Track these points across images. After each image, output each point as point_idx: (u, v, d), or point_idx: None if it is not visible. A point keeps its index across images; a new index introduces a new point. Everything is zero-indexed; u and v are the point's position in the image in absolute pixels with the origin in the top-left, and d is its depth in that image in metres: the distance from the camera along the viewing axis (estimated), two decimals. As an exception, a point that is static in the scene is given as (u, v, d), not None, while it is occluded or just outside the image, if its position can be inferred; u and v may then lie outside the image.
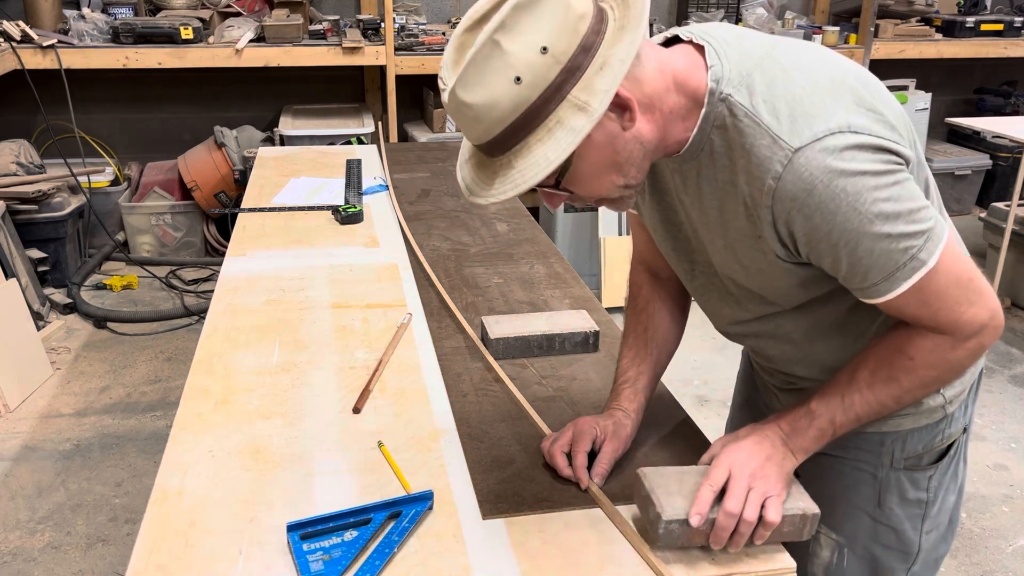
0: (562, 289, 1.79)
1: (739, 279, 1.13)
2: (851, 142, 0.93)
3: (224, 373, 1.43)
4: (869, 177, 0.93)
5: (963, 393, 1.19)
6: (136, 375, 3.28)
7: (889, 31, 4.84)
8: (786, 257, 1.04)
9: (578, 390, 1.41)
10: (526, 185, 0.93)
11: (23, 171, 3.91)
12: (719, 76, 0.99)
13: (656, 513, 1.00)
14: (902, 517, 1.22)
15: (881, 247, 0.95)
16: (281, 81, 4.64)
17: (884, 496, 1.21)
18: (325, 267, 1.87)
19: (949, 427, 1.20)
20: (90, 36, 4.04)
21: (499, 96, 0.91)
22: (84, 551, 2.36)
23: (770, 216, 0.99)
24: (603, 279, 3.76)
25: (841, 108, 0.95)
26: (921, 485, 1.21)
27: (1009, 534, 2.50)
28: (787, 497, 1.03)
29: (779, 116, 0.95)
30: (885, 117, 0.97)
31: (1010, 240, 3.78)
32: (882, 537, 1.23)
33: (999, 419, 3.10)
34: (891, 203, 0.94)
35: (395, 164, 2.71)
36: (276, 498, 1.12)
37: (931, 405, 1.17)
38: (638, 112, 0.96)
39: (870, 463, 1.21)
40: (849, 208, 0.93)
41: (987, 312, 1.01)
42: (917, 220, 0.95)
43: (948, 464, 1.23)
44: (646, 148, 1.00)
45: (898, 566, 1.25)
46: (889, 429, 1.18)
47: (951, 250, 0.98)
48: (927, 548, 1.25)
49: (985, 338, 1.03)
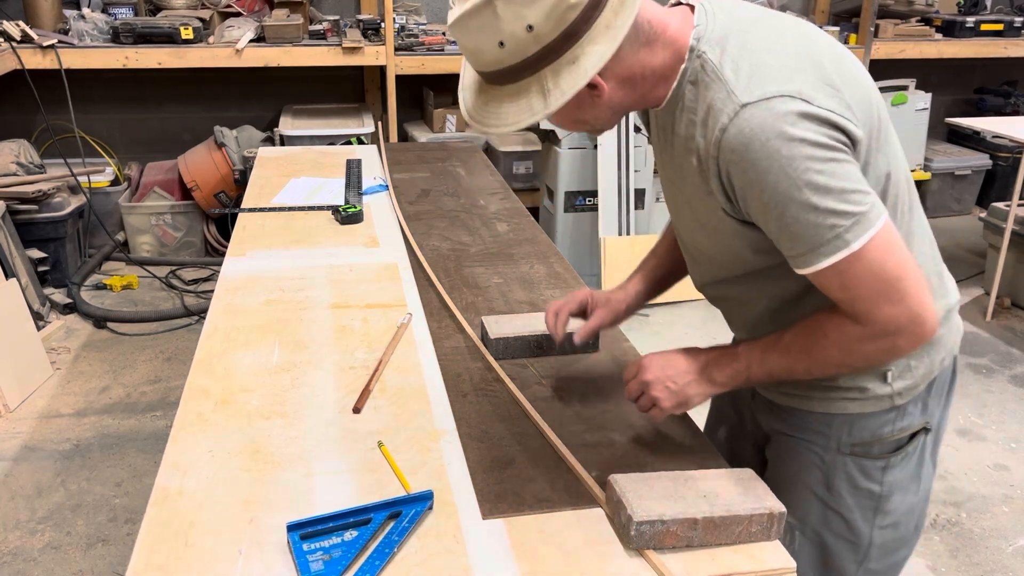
0: (562, 289, 1.79)
1: (698, 239, 1.19)
2: (798, 109, 0.96)
3: (224, 373, 1.43)
4: (807, 146, 0.96)
5: (916, 388, 1.20)
6: (136, 375, 3.28)
7: (889, 31, 4.84)
8: (732, 212, 1.07)
9: (578, 390, 1.41)
10: (496, 130, 1.05)
11: (23, 171, 3.91)
12: (700, 35, 1.04)
13: (627, 515, 1.03)
14: (852, 506, 1.24)
15: (807, 217, 0.97)
16: (281, 81, 4.64)
17: (833, 480, 1.23)
18: (325, 267, 1.87)
19: (901, 420, 1.21)
20: (90, 36, 4.04)
21: (484, 49, 1.02)
22: (84, 551, 2.36)
23: (715, 167, 1.03)
24: (603, 279, 3.76)
25: (800, 78, 0.99)
26: (873, 476, 1.23)
27: (1009, 534, 2.50)
28: (753, 497, 1.06)
29: (739, 74, 1.00)
30: (843, 96, 1.00)
31: (1010, 240, 3.78)
32: (832, 523, 1.25)
33: (999, 419, 3.10)
34: (823, 176, 0.96)
35: (395, 164, 2.71)
36: (276, 498, 1.12)
37: (877, 393, 1.18)
38: (608, 87, 1.04)
39: (819, 444, 1.23)
40: (780, 170, 0.96)
41: (907, 316, 1.02)
42: (849, 201, 0.97)
43: (905, 461, 1.23)
44: (615, 109, 1.09)
45: (848, 557, 1.26)
46: (836, 411, 1.20)
47: (883, 242, 0.99)
48: (880, 544, 1.26)
49: (901, 341, 1.04)
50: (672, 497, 1.05)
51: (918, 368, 1.19)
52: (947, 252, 4.72)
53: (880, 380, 1.18)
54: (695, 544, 1.04)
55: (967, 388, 3.32)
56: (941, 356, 1.21)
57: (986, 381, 3.37)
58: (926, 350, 1.19)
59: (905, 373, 1.18)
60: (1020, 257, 3.89)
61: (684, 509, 1.03)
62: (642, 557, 1.03)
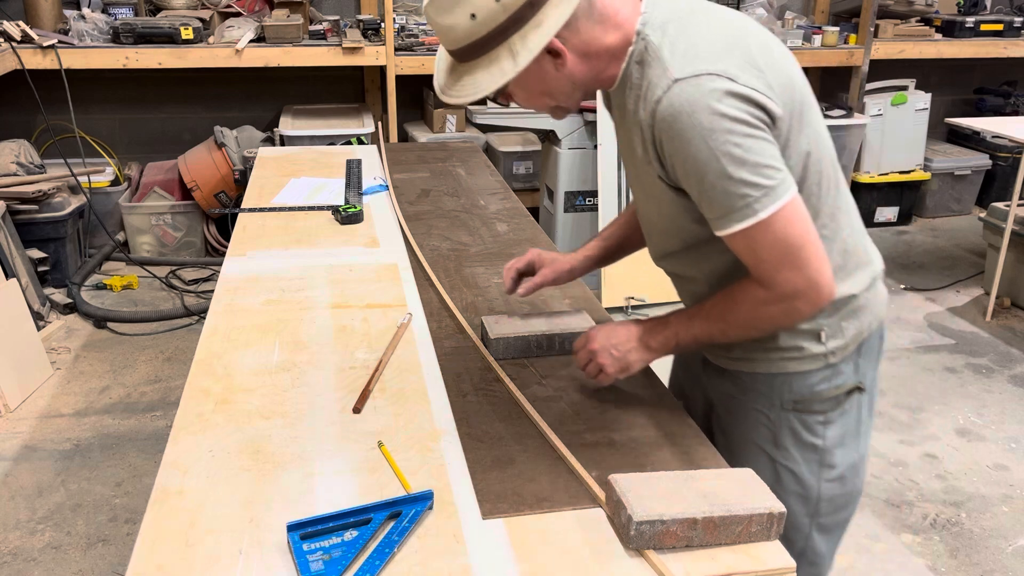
0: (562, 289, 1.79)
1: (648, 209, 1.31)
2: (723, 87, 1.07)
3: (224, 373, 1.43)
4: (727, 121, 1.07)
5: (847, 348, 1.30)
6: (136, 375, 3.28)
7: (889, 31, 4.84)
8: (667, 179, 1.18)
9: (578, 390, 1.41)
10: (467, 98, 1.16)
11: (23, 171, 3.91)
12: (646, 20, 1.16)
13: (628, 515, 1.03)
14: (799, 459, 1.34)
15: (723, 185, 1.09)
16: (281, 81, 4.64)
17: (780, 436, 1.34)
18: (325, 267, 1.87)
19: (836, 378, 1.31)
20: (90, 36, 4.04)
21: (457, 24, 1.13)
22: (84, 551, 2.36)
23: (652, 136, 1.14)
24: (603, 279, 3.77)
25: (728, 59, 1.10)
26: (815, 431, 1.33)
27: (1009, 534, 2.50)
28: (753, 497, 1.07)
29: (674, 54, 1.12)
30: (767, 77, 1.11)
31: (1010, 240, 3.78)
32: (783, 478, 1.35)
33: (999, 419, 3.11)
34: (740, 150, 1.07)
35: (395, 164, 2.71)
36: (276, 498, 1.12)
37: (813, 352, 1.29)
38: (569, 57, 1.15)
39: (764, 403, 1.34)
40: (702, 141, 1.07)
41: (804, 282, 1.14)
42: (761, 174, 1.08)
43: (843, 417, 1.34)
44: (577, 83, 1.19)
45: (800, 511, 1.36)
46: (776, 371, 1.31)
47: (788, 214, 1.11)
48: (828, 498, 1.36)
49: (800, 304, 1.16)
50: (672, 497, 1.05)
51: (848, 329, 1.30)
52: (947, 252, 4.76)
53: (815, 340, 1.29)
54: (695, 544, 1.04)
55: (967, 388, 3.32)
56: (868, 320, 1.32)
57: (986, 381, 3.38)
58: (855, 313, 1.30)
59: (837, 333, 1.29)
60: (1020, 257, 3.89)
61: (684, 509, 1.03)
62: (642, 557, 1.03)
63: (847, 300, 1.28)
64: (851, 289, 1.28)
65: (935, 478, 2.76)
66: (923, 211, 5.26)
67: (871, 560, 2.38)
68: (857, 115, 4.76)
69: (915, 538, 2.48)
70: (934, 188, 5.19)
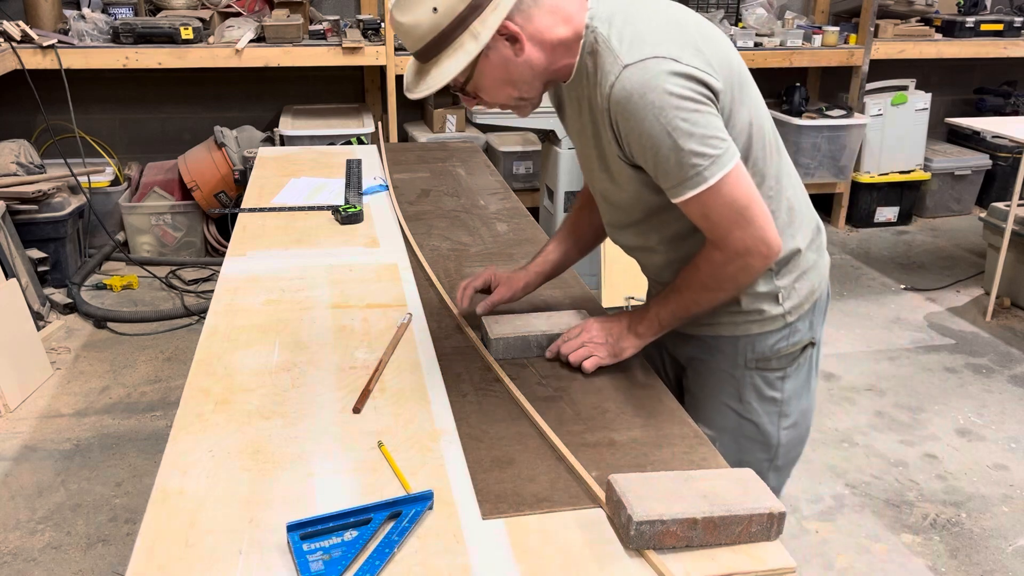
0: (562, 289, 1.79)
1: (606, 187, 1.41)
2: (668, 68, 1.18)
3: (224, 373, 1.43)
4: (675, 98, 1.18)
5: (803, 307, 1.44)
6: (136, 375, 3.28)
7: (889, 31, 4.84)
8: (624, 157, 1.29)
9: (578, 390, 1.41)
10: (435, 87, 1.24)
11: (23, 171, 3.91)
12: (593, 15, 1.27)
13: (628, 515, 1.03)
14: (760, 412, 1.48)
15: (675, 157, 1.20)
16: (281, 81, 4.64)
17: (743, 392, 1.48)
18: (325, 267, 1.87)
19: (793, 336, 1.45)
20: (90, 36, 4.04)
21: (421, 19, 1.22)
22: (84, 551, 2.36)
23: (608, 119, 1.25)
24: (603, 279, 3.76)
25: (670, 43, 1.21)
26: (775, 386, 1.47)
27: (1009, 534, 2.50)
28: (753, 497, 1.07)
29: (623, 42, 1.22)
30: (706, 56, 1.22)
31: (1010, 240, 3.78)
32: (745, 430, 1.49)
33: (999, 419, 3.11)
34: (687, 124, 1.18)
35: (395, 164, 2.71)
36: (276, 498, 1.12)
37: (772, 313, 1.43)
38: (526, 43, 1.24)
39: (729, 363, 1.47)
40: (653, 118, 1.18)
41: (752, 238, 1.27)
42: (709, 145, 1.19)
43: (798, 371, 1.48)
44: (536, 71, 1.28)
45: (761, 457, 1.50)
46: (740, 333, 1.44)
47: (733, 178, 1.22)
48: (785, 443, 1.51)
49: (752, 260, 1.29)
50: (672, 497, 1.05)
51: (802, 289, 1.44)
52: (947, 252, 4.76)
53: (773, 302, 1.42)
54: (695, 544, 1.04)
55: (967, 388, 3.32)
56: (817, 280, 1.46)
57: (986, 381, 3.38)
58: (806, 273, 1.43)
59: (792, 294, 1.43)
60: (1020, 257, 3.89)
61: (684, 509, 1.03)
62: (642, 557, 1.03)
63: (796, 254, 1.41)
64: (799, 244, 1.41)
65: (935, 478, 2.76)
66: (923, 211, 5.26)
67: (871, 560, 2.38)
68: (857, 115, 4.76)
69: (915, 538, 2.48)
70: (934, 188, 5.19)
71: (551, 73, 1.31)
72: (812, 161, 4.77)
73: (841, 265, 4.54)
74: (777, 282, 1.41)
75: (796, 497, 2.63)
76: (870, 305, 4.06)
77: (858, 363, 3.50)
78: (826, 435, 2.97)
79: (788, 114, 4.72)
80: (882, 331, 3.80)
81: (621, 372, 1.46)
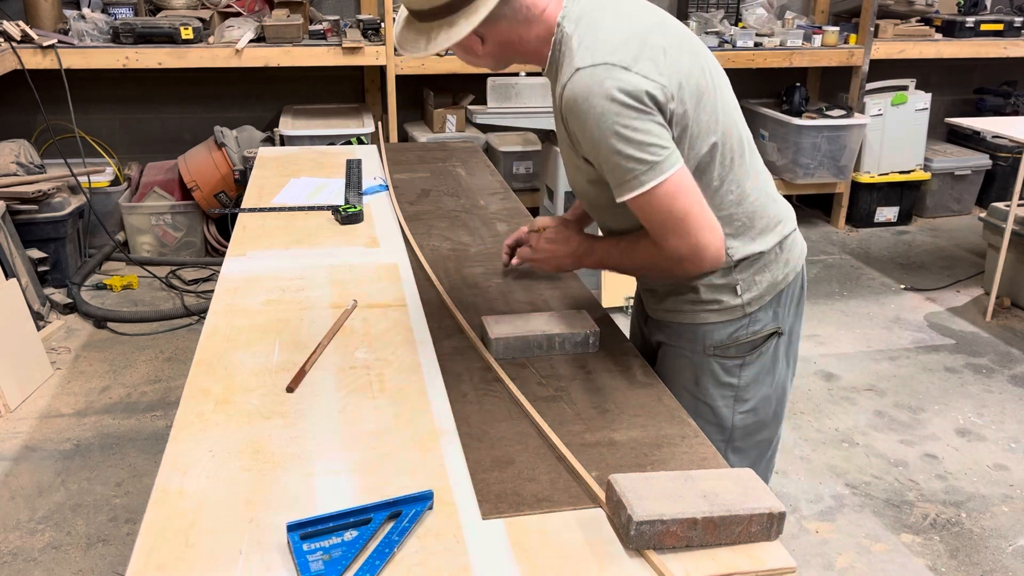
0: (562, 289, 1.79)
1: (574, 179, 1.47)
2: (615, 76, 1.23)
3: (224, 373, 1.43)
4: (616, 105, 1.22)
5: (763, 299, 1.47)
6: (136, 375, 3.28)
7: (889, 31, 4.84)
8: (578, 153, 1.36)
9: (578, 390, 1.41)
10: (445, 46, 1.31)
11: (23, 171, 3.91)
12: (565, 14, 1.33)
13: (628, 515, 1.03)
14: (716, 396, 1.53)
15: (614, 160, 1.26)
16: (281, 81, 4.64)
17: (700, 377, 1.52)
18: (325, 267, 1.87)
19: (753, 326, 1.49)
20: (90, 36, 4.04)
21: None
22: (84, 551, 2.36)
23: (562, 117, 1.32)
24: (603, 279, 3.76)
25: (624, 51, 1.25)
26: (732, 372, 1.51)
27: (1009, 534, 2.50)
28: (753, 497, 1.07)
29: (581, 45, 1.28)
30: (661, 67, 1.26)
31: (1010, 240, 3.78)
32: (701, 412, 1.53)
33: (999, 419, 3.11)
34: (627, 130, 1.23)
35: (395, 164, 2.71)
36: (276, 498, 1.12)
37: (731, 304, 1.46)
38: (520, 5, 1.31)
39: (688, 350, 1.52)
40: (595, 122, 1.24)
41: (688, 248, 1.32)
42: (647, 151, 1.24)
43: (760, 359, 1.51)
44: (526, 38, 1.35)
45: (717, 437, 1.54)
46: (700, 321, 1.49)
47: (672, 186, 1.27)
48: (741, 427, 1.55)
49: (686, 266, 1.35)
50: (672, 497, 1.05)
51: (762, 281, 1.46)
52: (947, 252, 4.76)
53: (732, 293, 1.46)
54: (695, 544, 1.04)
55: (967, 388, 3.32)
56: (783, 271, 1.48)
57: (986, 381, 3.38)
58: (766, 267, 1.46)
59: (752, 287, 1.46)
60: (1020, 257, 3.89)
61: (684, 509, 1.03)
62: (642, 557, 1.03)
63: (756, 257, 1.44)
64: (759, 247, 1.44)
65: (935, 478, 2.76)
66: (923, 211, 5.26)
67: (871, 560, 2.38)
68: (857, 115, 4.76)
69: (915, 538, 2.48)
70: (934, 188, 5.19)
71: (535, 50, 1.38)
72: (812, 161, 4.77)
73: (841, 265, 4.54)
74: (736, 275, 1.44)
75: (796, 497, 2.63)
76: (870, 305, 4.06)
77: (858, 363, 3.50)
78: (826, 435, 2.97)
79: (788, 114, 4.72)
80: (882, 331, 3.80)
81: (621, 372, 1.46)
